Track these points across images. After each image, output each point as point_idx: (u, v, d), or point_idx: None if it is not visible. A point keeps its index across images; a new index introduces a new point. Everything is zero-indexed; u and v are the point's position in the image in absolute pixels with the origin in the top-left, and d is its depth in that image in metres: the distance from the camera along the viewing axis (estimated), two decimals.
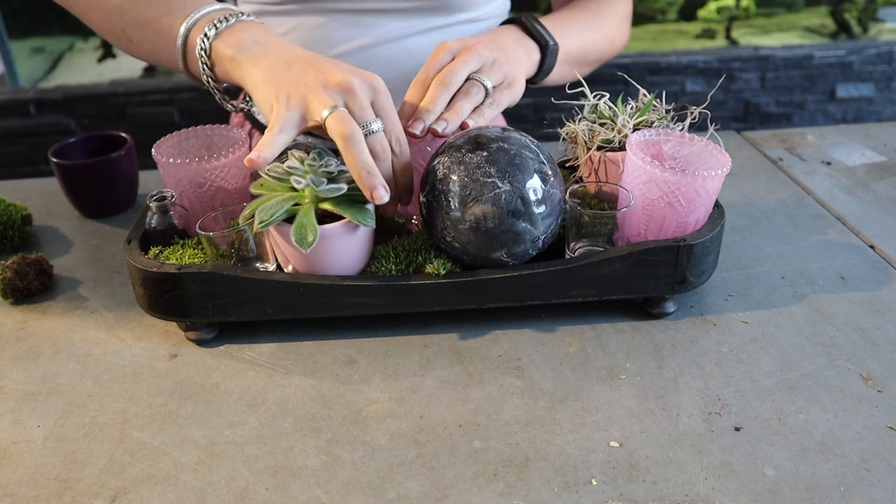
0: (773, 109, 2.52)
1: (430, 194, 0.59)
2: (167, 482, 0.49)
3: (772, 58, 2.42)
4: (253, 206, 0.58)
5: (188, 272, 0.58)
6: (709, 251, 0.61)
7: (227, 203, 0.66)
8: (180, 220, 0.65)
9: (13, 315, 0.67)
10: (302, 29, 0.84)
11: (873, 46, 2.47)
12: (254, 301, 0.59)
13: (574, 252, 0.63)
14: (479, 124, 0.64)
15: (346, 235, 0.58)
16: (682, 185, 0.58)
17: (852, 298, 0.66)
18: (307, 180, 0.56)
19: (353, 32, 0.83)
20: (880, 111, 2.57)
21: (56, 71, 2.79)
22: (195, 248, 0.63)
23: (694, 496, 0.47)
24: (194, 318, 0.60)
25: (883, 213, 0.81)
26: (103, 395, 0.57)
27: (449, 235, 0.59)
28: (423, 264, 0.61)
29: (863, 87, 2.52)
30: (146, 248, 0.63)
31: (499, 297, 0.60)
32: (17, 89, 2.35)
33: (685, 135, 0.64)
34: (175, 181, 0.65)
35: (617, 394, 0.55)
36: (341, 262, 0.59)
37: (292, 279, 0.59)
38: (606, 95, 0.69)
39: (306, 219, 0.56)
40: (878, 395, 0.55)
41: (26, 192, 0.91)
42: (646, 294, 0.62)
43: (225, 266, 0.59)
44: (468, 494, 0.47)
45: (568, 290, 0.61)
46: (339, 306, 0.60)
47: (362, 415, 0.54)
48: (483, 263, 0.60)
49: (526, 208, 0.57)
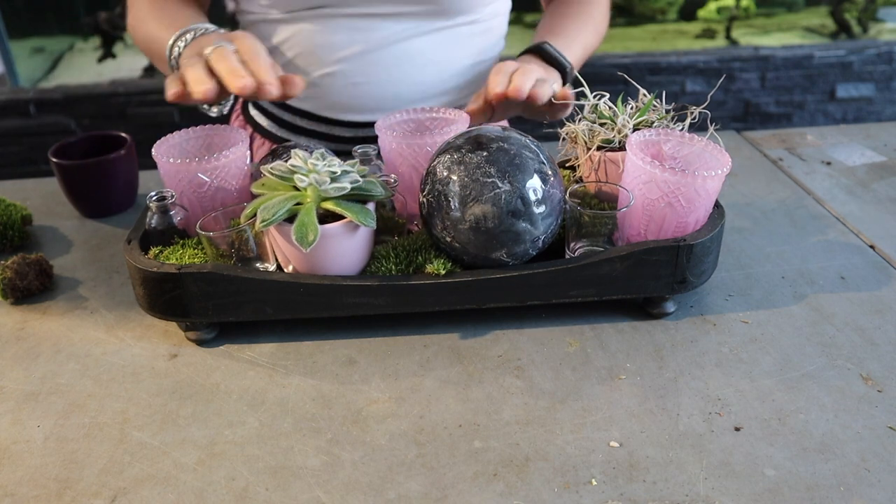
0: (773, 109, 2.52)
1: (430, 194, 0.59)
2: (167, 482, 0.49)
3: (772, 58, 2.42)
4: (254, 205, 0.58)
5: (188, 272, 0.58)
6: (709, 251, 0.61)
7: (227, 203, 0.66)
8: (180, 221, 0.65)
9: (13, 315, 0.67)
10: (303, 34, 0.84)
11: (873, 46, 2.47)
12: (254, 301, 0.59)
13: (574, 252, 0.63)
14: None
15: (347, 235, 0.58)
16: (682, 185, 0.58)
17: (852, 298, 0.66)
18: (310, 179, 0.56)
19: (354, 36, 0.83)
20: (880, 111, 2.57)
21: (56, 71, 2.80)
22: (195, 248, 0.63)
23: (694, 496, 0.47)
24: (194, 318, 0.60)
25: (883, 213, 0.81)
26: (103, 395, 0.57)
27: (449, 235, 0.59)
28: (423, 264, 0.61)
29: (863, 87, 2.52)
30: (146, 248, 0.63)
31: (499, 297, 0.60)
32: (17, 89, 2.35)
33: (685, 135, 0.64)
34: (175, 181, 0.65)
35: (617, 394, 0.55)
36: (341, 262, 0.59)
37: (292, 279, 0.59)
38: (606, 95, 0.69)
39: (307, 218, 0.56)
40: (878, 395, 0.55)
41: (26, 192, 0.91)
42: (646, 294, 0.62)
43: (225, 266, 0.59)
44: (468, 494, 0.47)
45: (568, 290, 0.61)
46: (339, 306, 0.60)
47: (362, 415, 0.54)
48: (483, 263, 0.60)
49: (526, 208, 0.57)
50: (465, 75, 0.90)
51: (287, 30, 0.85)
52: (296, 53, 0.86)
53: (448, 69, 0.88)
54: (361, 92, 0.86)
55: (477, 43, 0.89)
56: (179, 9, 0.81)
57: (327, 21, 0.83)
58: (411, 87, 0.87)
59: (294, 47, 0.85)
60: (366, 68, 0.85)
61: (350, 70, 0.85)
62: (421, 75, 0.86)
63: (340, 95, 0.87)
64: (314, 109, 0.90)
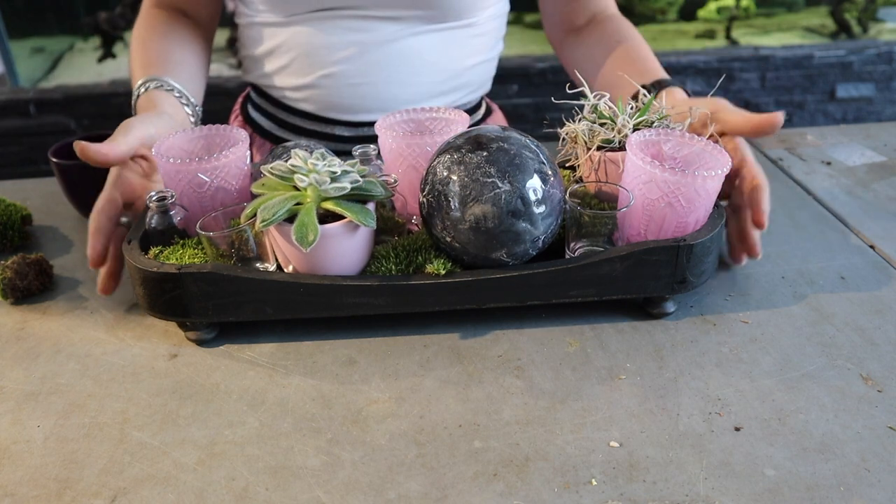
0: (773, 109, 2.52)
1: (430, 194, 0.59)
2: (167, 482, 0.49)
3: (772, 58, 2.42)
4: (254, 205, 0.58)
5: (188, 272, 0.58)
6: (709, 251, 0.61)
7: (227, 203, 0.66)
8: (180, 221, 0.65)
9: (13, 315, 0.67)
10: (301, 36, 0.84)
11: (873, 46, 2.48)
12: (254, 301, 0.59)
13: (574, 252, 0.63)
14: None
15: (347, 235, 0.58)
16: (682, 185, 0.58)
17: (852, 298, 0.66)
18: (310, 179, 0.56)
19: (352, 37, 0.83)
20: (880, 111, 2.57)
21: (56, 71, 2.80)
22: (195, 248, 0.63)
23: (694, 496, 0.47)
24: (194, 318, 0.60)
25: (883, 213, 0.81)
26: (103, 395, 0.57)
27: (449, 235, 0.58)
28: (423, 264, 0.61)
29: (863, 87, 2.53)
30: (146, 248, 0.63)
31: (499, 297, 0.60)
32: (17, 89, 2.35)
33: (685, 135, 0.64)
34: (175, 181, 0.65)
35: (617, 394, 0.55)
36: (342, 262, 0.59)
37: (292, 279, 0.59)
38: (606, 95, 0.69)
39: (308, 218, 0.56)
40: (878, 395, 0.55)
41: (26, 192, 0.91)
42: (646, 294, 0.61)
43: (225, 266, 0.59)
44: (468, 494, 0.47)
45: (568, 290, 0.60)
46: (339, 306, 0.60)
47: (362, 415, 0.54)
48: (483, 263, 0.60)
49: (526, 208, 0.56)
50: (463, 76, 0.90)
51: (285, 32, 0.85)
52: (294, 55, 0.86)
53: (447, 70, 0.88)
54: (361, 92, 0.87)
55: (476, 44, 0.89)
56: (166, 43, 0.84)
57: (326, 23, 0.83)
58: (410, 87, 0.87)
59: (292, 49, 0.86)
60: (365, 69, 0.85)
61: (349, 71, 0.85)
62: (419, 76, 0.86)
63: (340, 96, 0.87)
64: (314, 110, 0.90)
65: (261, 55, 0.89)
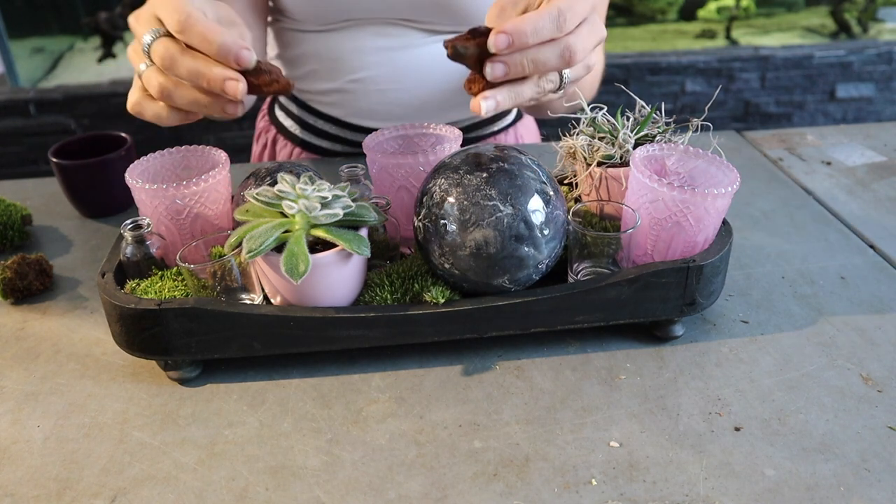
0: (773, 109, 2.52)
1: (427, 218, 0.55)
2: (167, 482, 0.49)
3: (772, 58, 2.42)
4: (239, 233, 0.53)
5: (169, 307, 0.53)
6: (718, 271, 0.59)
7: (207, 230, 0.62)
8: (157, 250, 0.60)
9: (13, 315, 0.67)
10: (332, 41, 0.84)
11: (873, 46, 2.48)
12: (240, 337, 0.55)
13: (577, 274, 0.60)
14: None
15: (340, 264, 0.54)
16: (692, 203, 0.55)
17: (852, 298, 0.66)
18: (299, 205, 0.52)
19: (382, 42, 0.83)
20: (880, 111, 2.58)
21: (56, 71, 2.80)
22: (174, 279, 0.59)
23: (694, 496, 0.47)
24: (176, 357, 0.56)
25: (883, 213, 0.81)
26: (103, 395, 0.57)
27: (447, 262, 0.55)
28: (420, 292, 0.57)
29: (863, 87, 2.53)
30: (122, 282, 0.58)
31: (501, 325, 0.57)
32: (17, 89, 2.35)
33: (689, 149, 0.62)
34: (151, 208, 0.60)
35: (617, 394, 0.55)
36: (334, 293, 0.56)
37: (281, 312, 0.55)
38: (604, 108, 0.66)
39: (297, 247, 0.52)
40: (878, 395, 0.55)
41: (26, 192, 0.91)
42: (654, 318, 0.59)
43: (209, 300, 0.54)
44: (468, 494, 0.47)
45: (574, 316, 0.58)
46: (332, 340, 0.56)
47: (362, 415, 0.54)
48: (484, 290, 0.57)
49: (529, 232, 0.54)
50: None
51: (316, 39, 0.85)
52: (324, 60, 0.86)
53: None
54: (389, 98, 0.86)
55: None
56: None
57: (356, 30, 0.83)
58: (439, 93, 0.86)
59: (322, 54, 0.86)
60: (394, 74, 0.85)
61: (378, 76, 0.85)
62: (449, 82, 0.86)
63: (369, 101, 0.87)
64: (341, 115, 0.90)
65: (290, 58, 0.90)
